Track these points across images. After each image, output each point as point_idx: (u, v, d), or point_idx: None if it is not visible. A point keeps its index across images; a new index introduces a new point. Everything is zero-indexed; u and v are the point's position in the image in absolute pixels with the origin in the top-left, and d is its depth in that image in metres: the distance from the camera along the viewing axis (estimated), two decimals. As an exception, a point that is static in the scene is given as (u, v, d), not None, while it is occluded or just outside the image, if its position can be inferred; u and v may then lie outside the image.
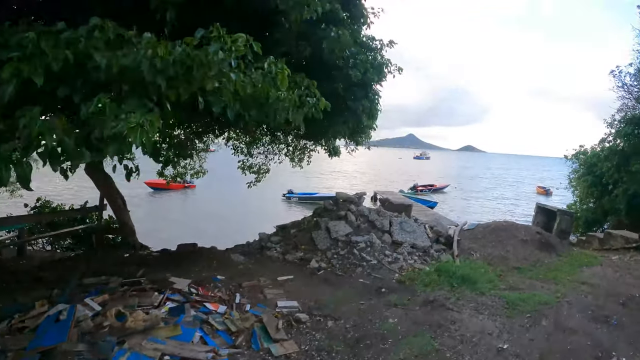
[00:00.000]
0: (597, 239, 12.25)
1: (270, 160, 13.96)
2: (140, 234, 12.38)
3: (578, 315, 6.33)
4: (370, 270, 8.83)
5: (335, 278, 8.33)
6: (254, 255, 9.68)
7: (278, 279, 7.90)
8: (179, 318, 5.26)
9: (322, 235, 10.11)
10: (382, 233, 10.29)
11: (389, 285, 8.01)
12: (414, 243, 9.96)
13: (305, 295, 7.14)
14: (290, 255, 9.54)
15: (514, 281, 8.05)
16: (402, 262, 9.18)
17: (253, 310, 6.15)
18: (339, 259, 9.26)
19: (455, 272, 8.03)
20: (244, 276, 7.85)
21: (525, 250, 9.85)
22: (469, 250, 9.97)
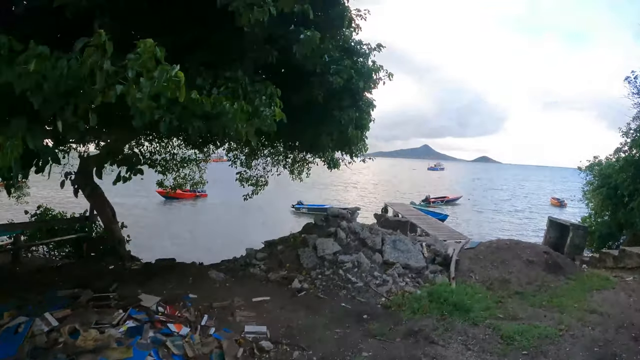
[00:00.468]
0: (611, 257, 11.29)
1: (268, 172, 13.49)
2: (139, 244, 12.48)
3: (582, 354, 5.46)
4: (356, 293, 8.12)
5: (316, 301, 7.72)
6: (236, 272, 9.13)
7: (253, 299, 7.40)
8: (134, 339, 5.03)
9: (309, 253, 9.44)
10: (372, 252, 9.53)
11: (373, 310, 7.31)
12: (406, 263, 9.17)
13: (278, 320, 6.64)
14: (273, 273, 8.91)
15: (513, 309, 7.18)
16: (392, 285, 8.40)
17: (217, 335, 5.76)
18: (323, 279, 8.59)
19: (448, 297, 7.25)
20: (218, 295, 7.38)
21: (530, 272, 8.93)
22: (468, 272, 9.10)
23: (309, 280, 8.58)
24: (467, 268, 9.22)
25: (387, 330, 6.27)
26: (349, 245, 9.69)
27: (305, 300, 7.72)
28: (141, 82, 3.28)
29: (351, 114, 7.90)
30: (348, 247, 9.62)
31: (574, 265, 10.26)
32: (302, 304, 7.48)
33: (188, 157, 13.69)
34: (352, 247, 9.63)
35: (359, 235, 10.00)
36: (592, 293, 8.04)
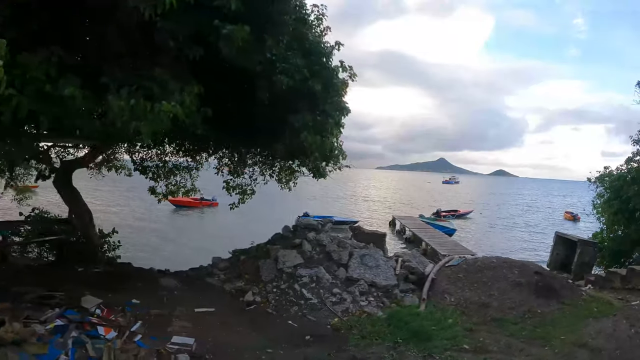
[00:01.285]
0: (618, 277, 10.08)
1: (254, 180, 12.81)
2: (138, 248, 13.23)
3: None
4: (308, 310, 7.39)
5: (263, 316, 7.22)
6: (194, 281, 8.70)
7: (196, 310, 6.94)
8: (55, 337, 5.07)
9: (269, 265, 8.72)
10: (337, 266, 8.54)
11: (321, 331, 6.59)
12: (373, 281, 8.09)
13: (213, 334, 6.13)
14: (229, 284, 8.49)
15: (485, 339, 5.99)
16: (350, 304, 7.48)
17: (141, 342, 5.57)
18: (278, 293, 7.96)
19: (410, 322, 6.13)
20: (163, 303, 7.03)
21: (515, 295, 7.67)
22: (443, 293, 7.92)
23: (263, 293, 8.04)
24: (444, 289, 8.03)
25: (324, 356, 5.39)
26: (312, 258, 8.76)
27: (252, 314, 7.25)
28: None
29: (306, 118, 6.92)
30: (311, 260, 8.70)
31: (572, 288, 8.90)
32: (247, 319, 7.00)
33: (180, 165, 13.31)
34: (315, 260, 8.70)
35: (325, 248, 8.96)
36: (587, 322, 6.75)
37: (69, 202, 10.44)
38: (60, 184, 9.91)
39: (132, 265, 10.68)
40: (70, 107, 4.45)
